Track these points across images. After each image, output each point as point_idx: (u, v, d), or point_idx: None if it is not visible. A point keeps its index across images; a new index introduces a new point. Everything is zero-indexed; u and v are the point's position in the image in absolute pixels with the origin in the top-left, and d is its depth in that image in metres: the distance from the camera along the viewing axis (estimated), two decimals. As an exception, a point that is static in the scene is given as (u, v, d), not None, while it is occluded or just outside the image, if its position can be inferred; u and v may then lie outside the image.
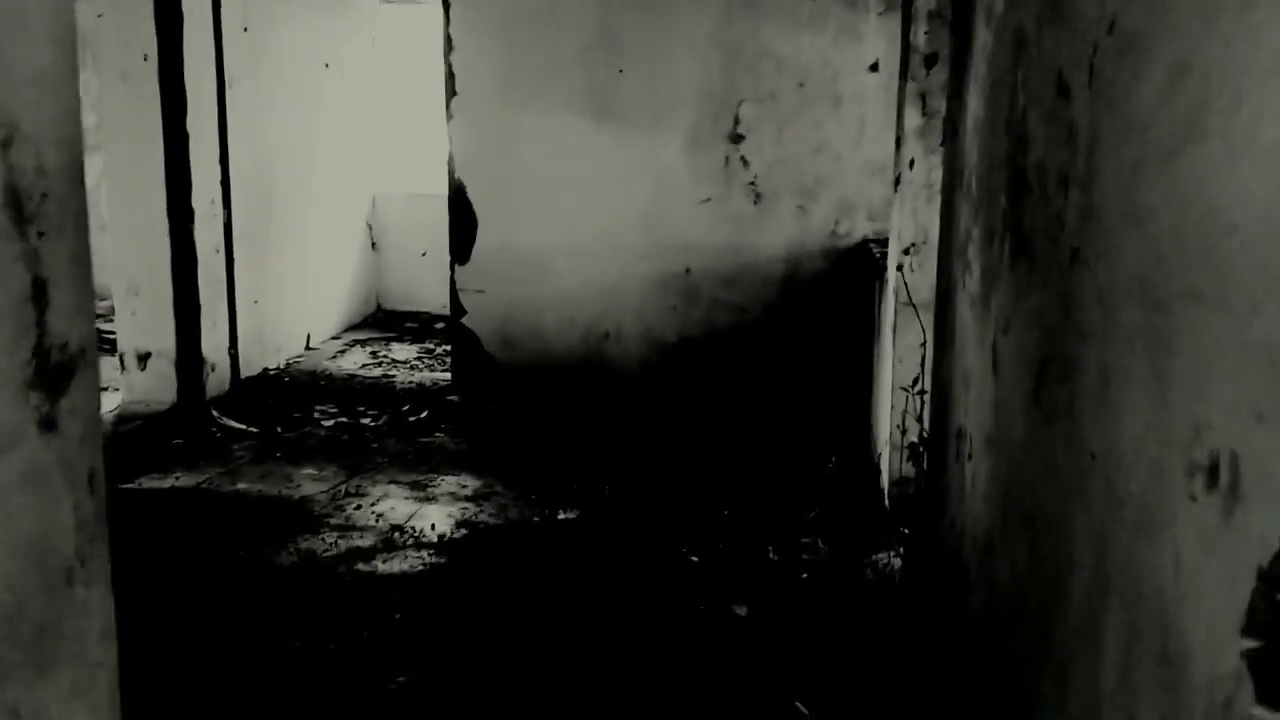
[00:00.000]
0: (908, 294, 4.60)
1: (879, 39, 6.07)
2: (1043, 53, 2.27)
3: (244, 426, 6.14)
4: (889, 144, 6.09)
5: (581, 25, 6.18)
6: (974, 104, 3.10)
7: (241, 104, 6.78)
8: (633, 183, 6.31)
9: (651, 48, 6.18)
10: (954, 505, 3.23)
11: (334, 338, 8.38)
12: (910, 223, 4.58)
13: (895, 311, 4.65)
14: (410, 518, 4.72)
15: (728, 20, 6.10)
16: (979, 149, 2.99)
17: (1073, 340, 1.97)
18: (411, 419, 6.30)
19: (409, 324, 8.92)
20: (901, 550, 4.34)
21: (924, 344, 4.29)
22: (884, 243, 6.00)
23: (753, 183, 6.22)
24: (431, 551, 4.36)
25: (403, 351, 8.05)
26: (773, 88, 6.15)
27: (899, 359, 4.66)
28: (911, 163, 4.54)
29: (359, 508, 4.85)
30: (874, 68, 6.09)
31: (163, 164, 6.17)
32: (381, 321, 9.02)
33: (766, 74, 6.14)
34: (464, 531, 4.58)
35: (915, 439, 4.22)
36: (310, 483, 5.17)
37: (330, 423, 6.25)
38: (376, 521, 4.68)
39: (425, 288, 9.11)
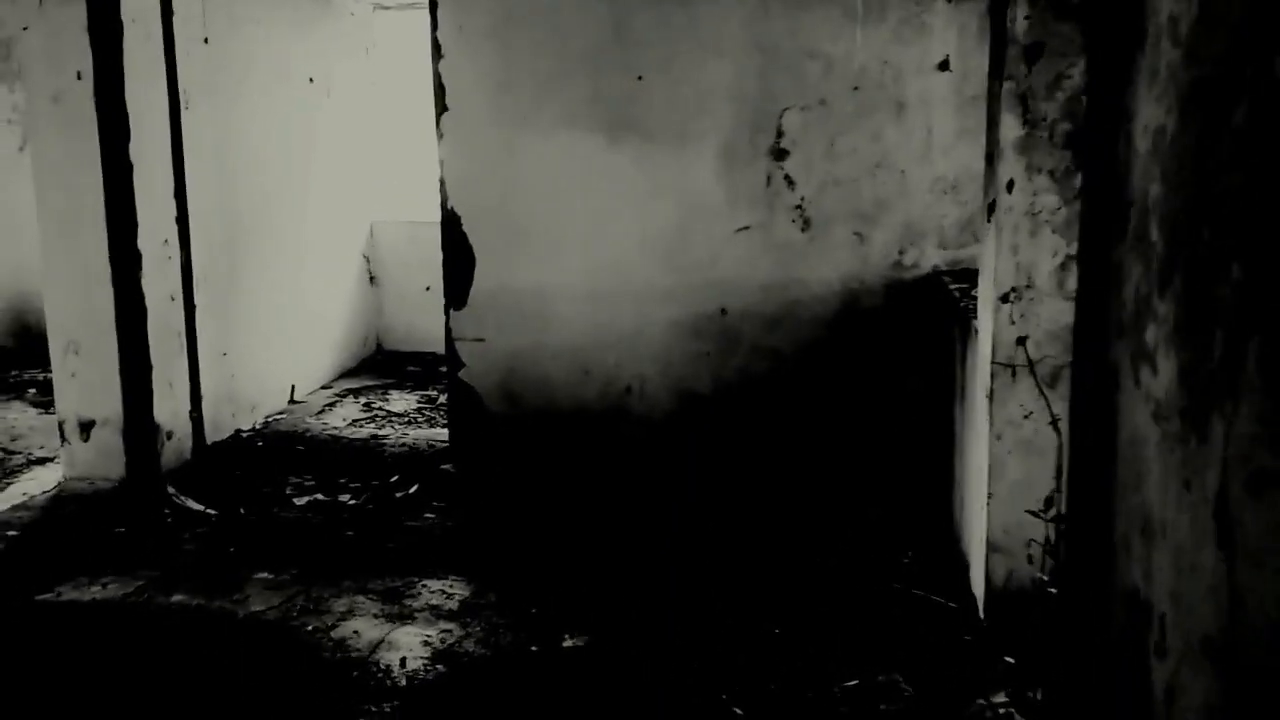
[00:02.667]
0: (1007, 353, 3.57)
1: (949, 31, 5.04)
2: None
3: (201, 508, 5.19)
4: (963, 157, 5.08)
5: (590, 24, 5.19)
6: (1150, 111, 2.08)
7: (202, 126, 5.84)
8: (655, 209, 5.31)
9: (674, 49, 5.17)
10: (1125, 703, 2.21)
11: (324, 387, 7.43)
12: (1009, 261, 3.55)
13: (991, 374, 3.62)
14: (376, 647, 3.73)
15: (764, 13, 5.09)
16: (1166, 178, 1.96)
17: None
18: (399, 494, 5.32)
19: (411, 367, 7.96)
20: (1010, 694, 3.30)
21: (1059, 443, 3.24)
22: (960, 275, 4.98)
23: (800, 206, 5.20)
24: (395, 704, 3.35)
25: (400, 402, 7.08)
26: (822, 93, 5.13)
27: (996, 434, 3.63)
28: (1010, 184, 3.51)
29: (314, 630, 3.86)
30: (944, 65, 5.05)
31: (102, 200, 5.23)
32: (381, 365, 8.06)
33: (813, 77, 5.12)
34: (441, 669, 3.58)
35: (1045, 576, 3.17)
36: (261, 592, 4.19)
37: (303, 500, 5.28)
38: (333, 653, 3.69)
39: (430, 326, 8.12)
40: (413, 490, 5.34)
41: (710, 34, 5.12)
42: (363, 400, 7.09)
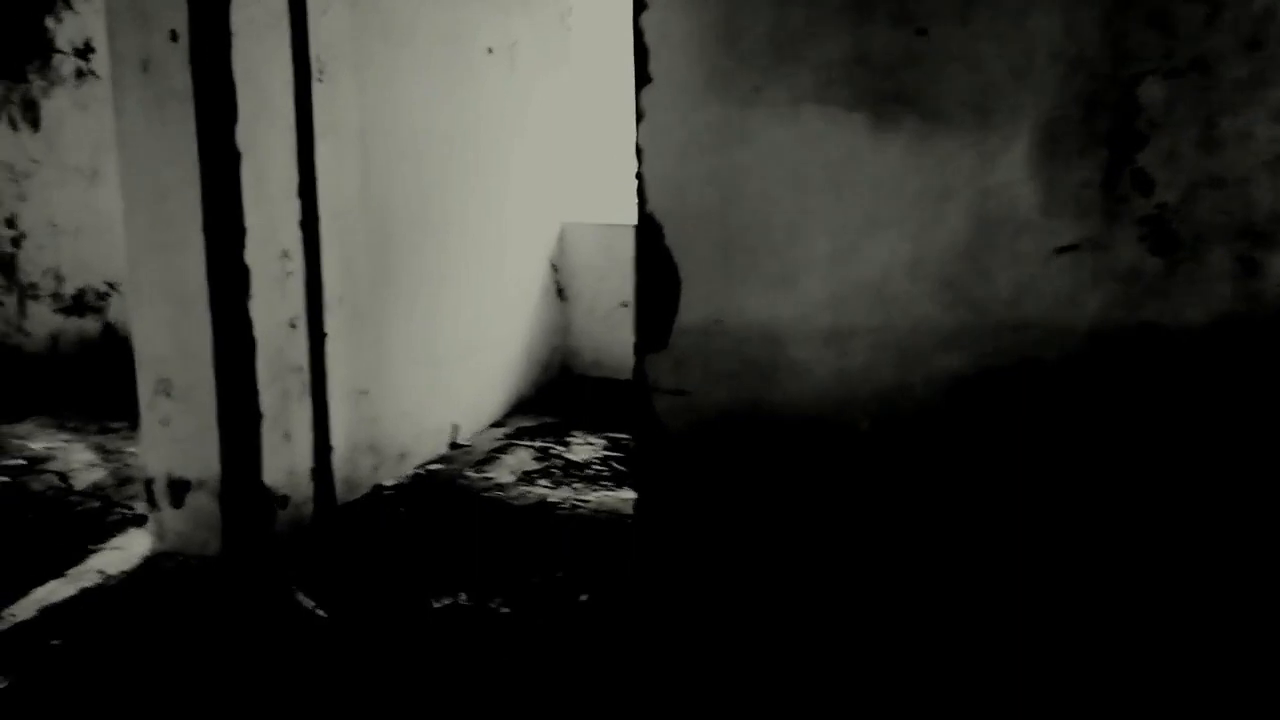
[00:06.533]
0: None
1: None
2: None
3: (311, 605, 3.93)
4: None
5: (853, -47, 3.65)
6: None
7: (342, 104, 4.58)
8: (937, 218, 3.72)
9: (974, -12, 3.57)
10: None
11: (496, 424, 6.12)
12: None
13: None
14: None
15: (1116, -68, 3.43)
16: None
17: None
18: (562, 605, 3.93)
19: (600, 399, 6.58)
20: None
21: None
22: None
23: (1156, 216, 3.51)
24: None
25: (584, 448, 5.71)
26: (1198, 50, 3.42)
27: None
28: None
29: None
30: (1402, 5, 3.28)
31: (199, 199, 4.02)
32: (564, 396, 6.71)
33: (1186, 28, 3.43)
34: None
35: None
36: (349, 784, 2.86)
37: (442, 603, 3.95)
38: None
39: (627, 350, 6.75)
40: (582, 599, 3.94)
41: (1031, -36, 3.50)
42: (538, 444, 5.75)
